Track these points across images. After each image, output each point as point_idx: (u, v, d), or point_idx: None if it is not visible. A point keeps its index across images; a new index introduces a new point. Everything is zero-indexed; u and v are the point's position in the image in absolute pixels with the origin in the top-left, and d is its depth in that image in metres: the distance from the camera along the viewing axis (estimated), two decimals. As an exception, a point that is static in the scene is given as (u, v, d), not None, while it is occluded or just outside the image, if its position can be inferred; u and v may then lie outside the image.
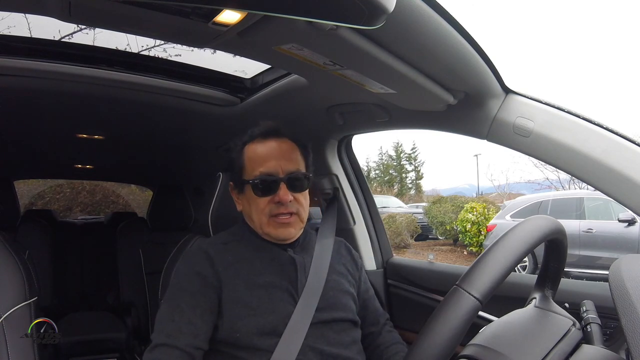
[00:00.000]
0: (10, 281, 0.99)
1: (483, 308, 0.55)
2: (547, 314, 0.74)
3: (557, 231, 0.69)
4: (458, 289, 0.56)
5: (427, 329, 0.54)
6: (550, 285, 0.78)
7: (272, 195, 0.93)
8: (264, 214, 0.94)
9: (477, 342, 0.61)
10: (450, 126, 1.12)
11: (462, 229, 9.15)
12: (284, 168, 0.94)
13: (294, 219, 0.95)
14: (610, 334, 1.00)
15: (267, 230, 0.95)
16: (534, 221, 0.66)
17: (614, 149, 0.83)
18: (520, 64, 44.04)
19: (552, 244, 0.74)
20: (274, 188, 0.93)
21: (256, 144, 0.98)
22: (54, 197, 6.53)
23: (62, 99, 1.31)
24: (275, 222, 0.94)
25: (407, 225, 10.09)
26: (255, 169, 0.94)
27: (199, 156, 2.16)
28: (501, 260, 0.58)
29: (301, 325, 0.87)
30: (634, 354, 0.51)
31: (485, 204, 9.29)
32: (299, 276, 0.94)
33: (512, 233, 0.62)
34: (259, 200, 0.94)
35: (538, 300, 0.77)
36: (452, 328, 0.53)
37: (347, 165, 1.58)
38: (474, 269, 0.58)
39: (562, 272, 0.78)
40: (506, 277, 0.57)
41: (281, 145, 0.97)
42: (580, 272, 6.02)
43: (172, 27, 0.69)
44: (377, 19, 0.57)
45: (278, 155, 0.95)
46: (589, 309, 0.76)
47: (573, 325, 0.71)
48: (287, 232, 0.95)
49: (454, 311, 0.54)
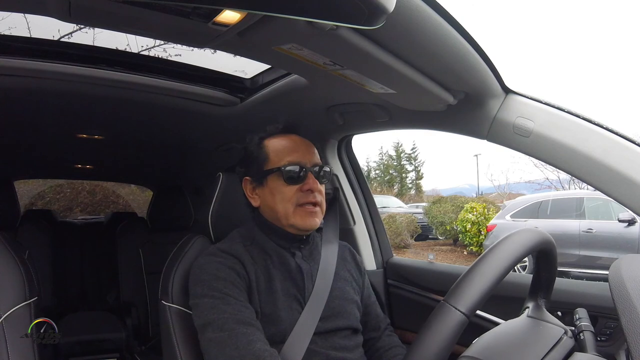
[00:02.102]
0: (10, 281, 0.99)
1: (485, 309, 0.56)
2: (539, 323, 0.75)
3: (543, 243, 0.71)
4: (445, 304, 0.59)
5: (416, 344, 0.57)
6: (543, 294, 0.80)
7: (301, 184, 0.93)
8: (291, 203, 0.93)
9: (469, 353, 0.63)
10: (450, 126, 1.13)
11: (462, 229, 9.15)
12: (310, 159, 0.96)
13: (318, 209, 0.96)
14: (610, 334, 1.00)
15: (292, 221, 0.93)
16: (519, 235, 0.68)
17: (614, 149, 0.83)
18: (520, 64, 44.05)
19: (541, 254, 0.76)
20: (302, 177, 0.94)
21: (278, 138, 1.00)
22: (54, 197, 6.53)
23: (62, 99, 1.31)
24: (303, 211, 0.93)
25: (407, 225, 10.08)
26: (283, 158, 0.95)
27: (199, 156, 2.16)
28: (486, 275, 0.60)
29: (305, 332, 0.87)
30: (634, 354, 0.52)
31: (485, 204, 9.29)
32: (306, 284, 0.94)
33: (497, 247, 0.65)
34: (286, 189, 0.93)
35: (531, 309, 0.79)
36: (439, 342, 0.56)
37: (347, 165, 1.58)
38: (460, 285, 0.61)
39: (554, 280, 0.80)
40: (492, 291, 0.60)
41: (302, 140, 1.00)
42: (580, 272, 6.03)
43: (172, 27, 0.69)
44: (377, 19, 0.57)
45: (304, 147, 0.98)
46: (582, 317, 0.77)
47: (565, 333, 0.73)
48: (314, 222, 0.95)
49: (442, 326, 0.57)
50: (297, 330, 0.87)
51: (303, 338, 0.86)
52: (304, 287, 0.93)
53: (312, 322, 0.89)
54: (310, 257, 0.99)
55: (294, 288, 0.93)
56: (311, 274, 0.96)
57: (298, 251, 0.98)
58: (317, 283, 0.94)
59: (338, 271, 1.01)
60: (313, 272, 0.96)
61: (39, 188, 5.98)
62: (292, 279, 0.94)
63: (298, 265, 0.95)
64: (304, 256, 0.98)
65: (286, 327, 0.87)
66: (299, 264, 0.96)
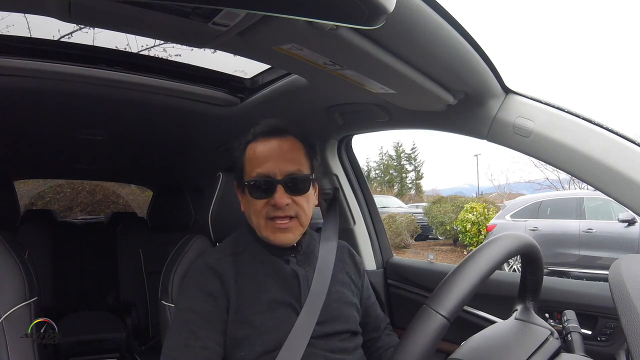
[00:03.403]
0: (10, 281, 0.99)
1: (479, 306, 0.58)
2: (526, 325, 0.77)
3: (524, 247, 0.73)
4: (427, 308, 0.61)
5: (399, 348, 0.59)
6: (531, 296, 0.82)
7: (269, 197, 0.90)
8: (261, 217, 0.91)
9: (457, 356, 0.65)
10: (450, 126, 1.12)
11: (462, 229, 9.15)
12: (282, 169, 0.90)
13: (293, 223, 0.92)
14: (610, 334, 1.00)
15: (264, 234, 0.92)
16: (500, 239, 0.70)
17: (614, 149, 0.83)
18: (520, 64, 44.04)
19: (526, 258, 0.78)
20: (270, 190, 0.90)
21: (257, 144, 0.95)
22: (54, 197, 6.52)
23: (62, 99, 1.31)
24: (272, 227, 0.91)
25: (407, 225, 10.08)
26: (253, 170, 0.92)
27: (199, 156, 2.16)
28: (467, 280, 0.62)
29: (302, 336, 0.86)
30: (634, 354, 0.52)
31: (485, 204, 9.29)
32: (302, 289, 0.92)
33: (478, 252, 0.67)
34: (256, 203, 0.91)
35: (519, 312, 0.81)
36: (422, 345, 0.58)
37: (347, 165, 1.58)
38: (441, 289, 0.62)
39: (541, 283, 0.81)
40: (473, 295, 0.62)
41: (282, 145, 0.93)
42: (580, 272, 6.02)
43: (172, 27, 0.69)
44: (377, 19, 0.57)
45: (277, 155, 0.92)
46: (569, 319, 0.79)
47: (551, 334, 0.74)
48: (285, 238, 0.92)
49: (424, 329, 0.59)
50: (294, 335, 0.86)
51: (300, 342, 0.85)
52: (299, 293, 0.92)
53: (308, 326, 0.88)
54: (305, 262, 0.97)
55: (289, 295, 0.91)
56: (307, 279, 0.94)
57: (292, 257, 0.96)
58: (313, 287, 0.93)
59: (336, 274, 0.99)
60: (309, 277, 0.95)
61: (39, 188, 5.97)
62: (287, 285, 0.92)
63: (293, 271, 0.94)
64: (299, 261, 0.96)
65: (281, 336, 0.86)
66: (294, 270, 0.94)
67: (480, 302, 1.19)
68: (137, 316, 2.30)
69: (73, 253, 2.80)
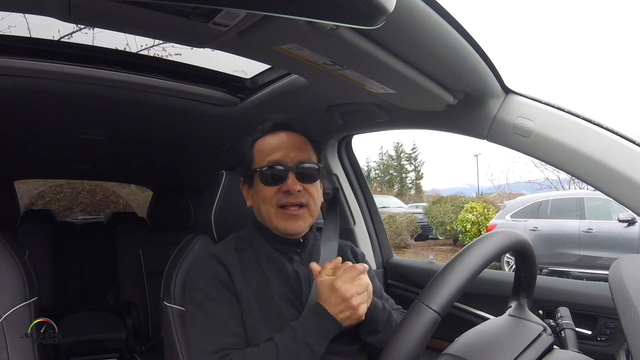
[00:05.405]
0: (10, 281, 0.99)
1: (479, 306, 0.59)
2: (520, 321, 0.78)
3: (516, 243, 0.74)
4: (418, 303, 0.62)
5: (391, 342, 0.60)
6: (525, 293, 0.83)
7: (280, 184, 0.90)
8: (272, 205, 0.91)
9: (449, 351, 0.66)
10: (450, 126, 1.13)
11: (462, 229, 9.15)
12: (293, 157, 0.92)
13: (304, 211, 0.92)
14: (610, 334, 1.00)
15: (275, 224, 0.92)
16: (492, 237, 0.71)
17: (614, 149, 0.83)
18: (520, 64, 44.05)
19: (519, 255, 0.79)
20: (282, 177, 0.90)
21: (266, 137, 0.97)
22: (54, 197, 6.52)
23: (62, 99, 1.31)
24: (283, 214, 0.91)
25: (407, 225, 10.08)
26: (264, 159, 0.93)
27: (199, 156, 2.16)
28: (458, 276, 0.63)
29: None
30: (634, 354, 0.52)
31: (485, 204, 9.29)
32: (303, 289, 0.92)
33: (469, 248, 0.68)
34: (267, 190, 0.91)
35: (513, 308, 0.82)
36: (414, 339, 0.59)
37: (347, 165, 1.58)
38: (432, 284, 0.64)
39: (535, 280, 0.82)
40: (463, 290, 0.63)
41: (292, 137, 0.96)
42: (580, 272, 6.02)
43: (172, 27, 0.69)
44: (377, 19, 0.57)
45: (288, 145, 0.93)
46: (563, 315, 0.81)
47: (544, 330, 0.75)
48: (297, 226, 0.92)
49: (415, 324, 0.60)
50: None
51: None
52: (301, 292, 0.92)
53: None
54: (308, 261, 0.96)
55: (291, 293, 0.91)
56: (309, 278, 0.93)
57: (296, 255, 0.96)
58: (314, 286, 0.91)
59: None
60: (311, 277, 0.93)
61: (39, 188, 5.98)
62: (289, 284, 0.92)
63: (295, 270, 0.94)
64: (302, 260, 0.96)
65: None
66: (296, 269, 0.94)
67: (477, 302, 1.19)
68: (137, 316, 2.30)
69: (73, 253, 2.80)
